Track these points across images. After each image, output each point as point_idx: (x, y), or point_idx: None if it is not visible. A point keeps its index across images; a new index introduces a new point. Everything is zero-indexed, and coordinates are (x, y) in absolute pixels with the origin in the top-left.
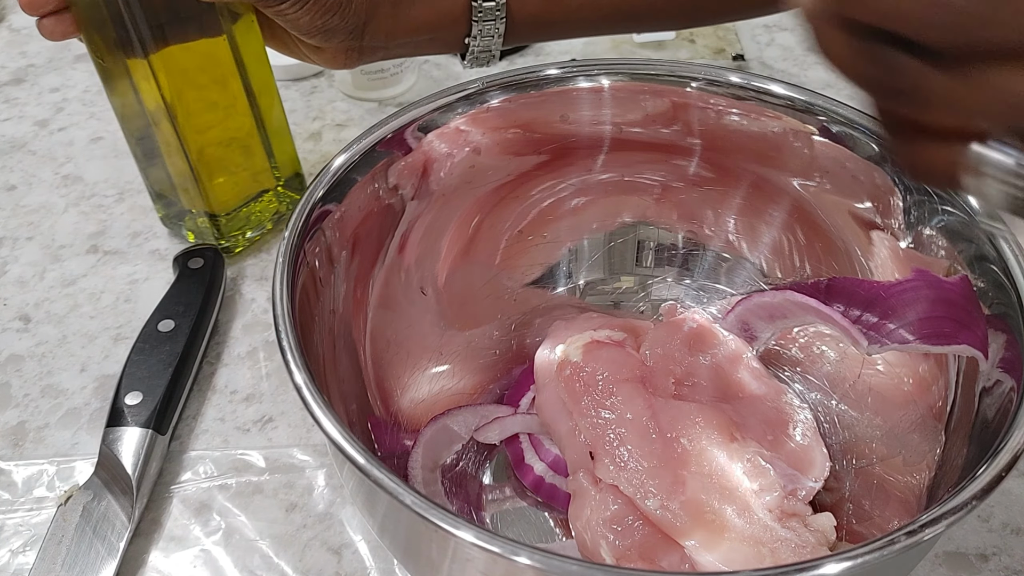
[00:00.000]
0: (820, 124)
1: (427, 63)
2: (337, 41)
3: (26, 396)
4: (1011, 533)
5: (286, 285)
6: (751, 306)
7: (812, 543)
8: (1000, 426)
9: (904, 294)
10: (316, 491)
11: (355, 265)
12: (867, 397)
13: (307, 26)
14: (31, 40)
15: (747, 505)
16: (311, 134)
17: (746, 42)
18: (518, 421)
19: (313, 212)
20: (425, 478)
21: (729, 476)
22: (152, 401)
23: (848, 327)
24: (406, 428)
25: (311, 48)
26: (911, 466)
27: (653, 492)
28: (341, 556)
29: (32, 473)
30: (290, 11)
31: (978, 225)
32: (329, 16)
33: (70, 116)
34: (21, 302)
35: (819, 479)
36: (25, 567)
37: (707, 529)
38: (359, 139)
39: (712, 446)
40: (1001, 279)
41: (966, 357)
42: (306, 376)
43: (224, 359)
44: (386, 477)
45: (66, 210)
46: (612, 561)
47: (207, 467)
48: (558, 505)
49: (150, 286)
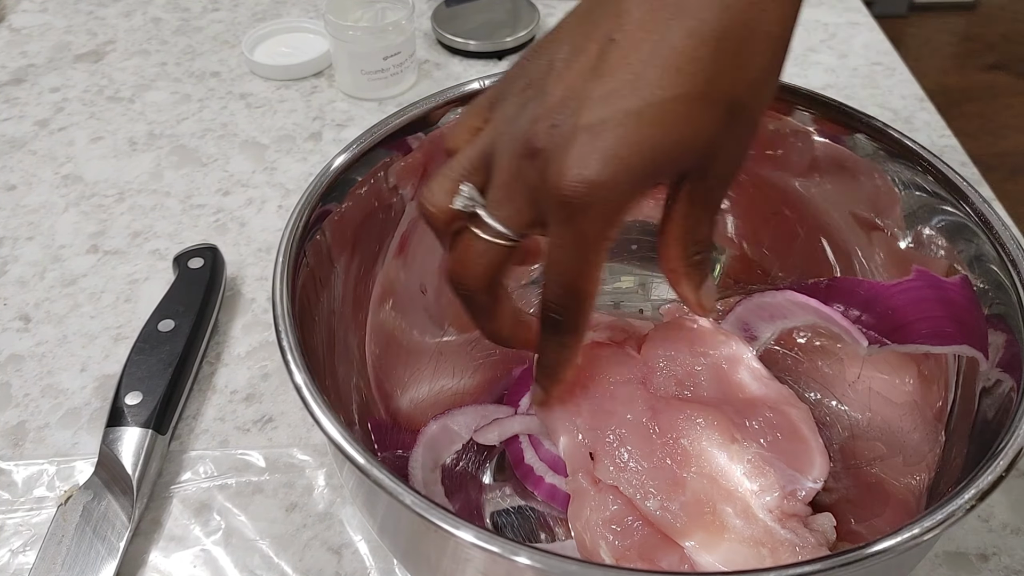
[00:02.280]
0: (820, 124)
1: (427, 63)
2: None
3: (26, 396)
4: (1011, 533)
5: (286, 285)
6: (751, 306)
7: (812, 544)
8: (1000, 426)
9: (904, 294)
10: (316, 491)
11: (355, 265)
12: (867, 397)
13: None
14: (31, 40)
15: (747, 506)
16: (311, 134)
17: None
18: (517, 422)
19: (313, 212)
20: (425, 478)
21: (729, 477)
22: (152, 401)
23: (848, 327)
24: (406, 428)
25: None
26: (911, 466)
27: (653, 493)
28: (341, 556)
29: (32, 473)
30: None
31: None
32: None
33: (70, 116)
34: (21, 302)
35: (819, 480)
36: (25, 567)
37: (707, 530)
38: (359, 139)
39: (712, 447)
40: (1001, 279)
41: (966, 357)
42: (306, 376)
43: (224, 359)
44: (386, 477)
45: (66, 210)
46: (611, 561)
47: (207, 467)
48: (558, 505)
49: (150, 286)
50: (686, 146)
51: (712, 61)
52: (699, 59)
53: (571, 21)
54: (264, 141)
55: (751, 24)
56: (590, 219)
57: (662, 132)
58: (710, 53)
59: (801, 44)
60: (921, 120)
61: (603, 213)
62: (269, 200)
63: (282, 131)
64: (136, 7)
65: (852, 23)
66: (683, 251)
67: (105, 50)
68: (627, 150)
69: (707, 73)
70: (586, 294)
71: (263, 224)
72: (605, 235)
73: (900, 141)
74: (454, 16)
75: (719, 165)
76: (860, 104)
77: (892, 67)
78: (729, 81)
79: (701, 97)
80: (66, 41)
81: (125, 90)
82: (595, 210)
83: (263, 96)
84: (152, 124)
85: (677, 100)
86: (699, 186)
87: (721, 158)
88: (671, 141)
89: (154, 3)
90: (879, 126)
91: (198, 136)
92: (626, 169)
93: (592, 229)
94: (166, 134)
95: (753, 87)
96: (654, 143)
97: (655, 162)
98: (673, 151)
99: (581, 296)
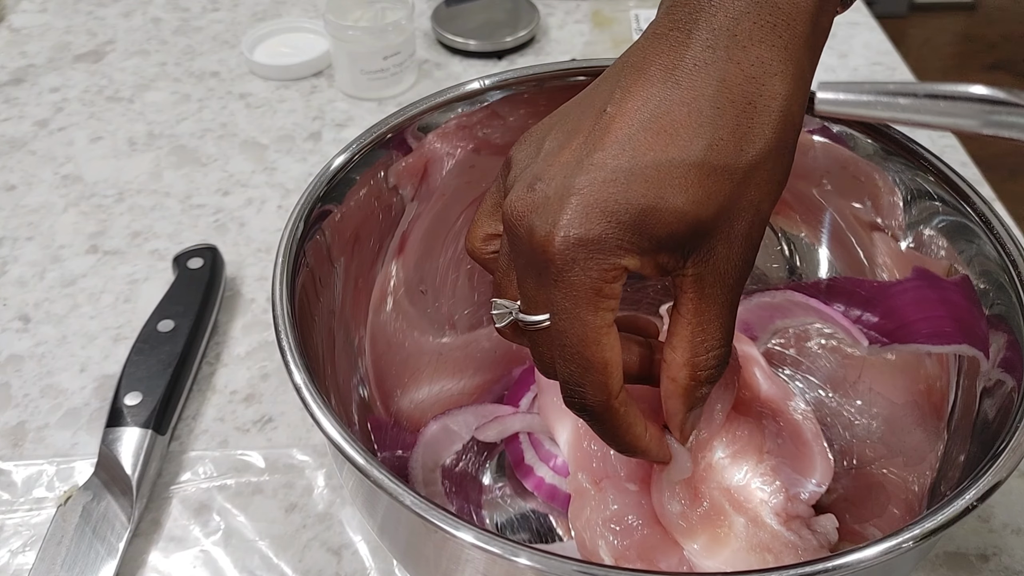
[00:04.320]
0: (820, 124)
1: (427, 63)
2: None
3: (26, 396)
4: (1011, 533)
5: (286, 285)
6: (751, 306)
7: (815, 545)
8: (1001, 426)
9: (904, 294)
10: (316, 491)
11: (355, 265)
12: (868, 397)
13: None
14: (31, 40)
15: (757, 515)
16: (311, 134)
17: None
18: (518, 420)
19: (313, 212)
20: (425, 478)
21: (746, 490)
22: (152, 401)
23: (848, 327)
24: (406, 428)
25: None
26: (912, 466)
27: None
28: (341, 556)
29: (32, 473)
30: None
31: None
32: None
33: (70, 116)
34: (21, 302)
35: (823, 484)
36: (25, 567)
37: (712, 534)
38: (359, 139)
39: (739, 461)
40: (1001, 279)
41: (967, 357)
42: (306, 376)
43: (224, 359)
44: (386, 477)
45: (66, 210)
46: (611, 561)
47: (207, 467)
48: (558, 505)
49: (150, 286)
50: (682, 212)
51: (711, 128)
52: (695, 127)
53: (568, 104)
54: (264, 141)
55: (750, 98)
56: (579, 276)
57: (655, 193)
58: (708, 121)
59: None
60: None
61: (594, 271)
62: (269, 200)
63: (282, 131)
64: (136, 7)
65: (852, 23)
66: (690, 355)
67: (105, 50)
68: (616, 206)
69: (705, 140)
70: (596, 363)
71: (263, 224)
72: (599, 292)
73: (900, 141)
74: (454, 16)
75: (726, 246)
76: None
77: (892, 67)
78: (731, 152)
79: (699, 164)
80: (66, 41)
81: (125, 90)
82: (582, 267)
83: (263, 96)
84: (152, 124)
85: (672, 164)
86: (707, 272)
87: (727, 237)
88: (665, 204)
89: (154, 3)
90: (879, 126)
91: (198, 136)
92: (616, 225)
93: (582, 285)
94: (166, 134)
95: (758, 163)
96: (646, 203)
97: (647, 223)
98: (667, 214)
99: (591, 366)
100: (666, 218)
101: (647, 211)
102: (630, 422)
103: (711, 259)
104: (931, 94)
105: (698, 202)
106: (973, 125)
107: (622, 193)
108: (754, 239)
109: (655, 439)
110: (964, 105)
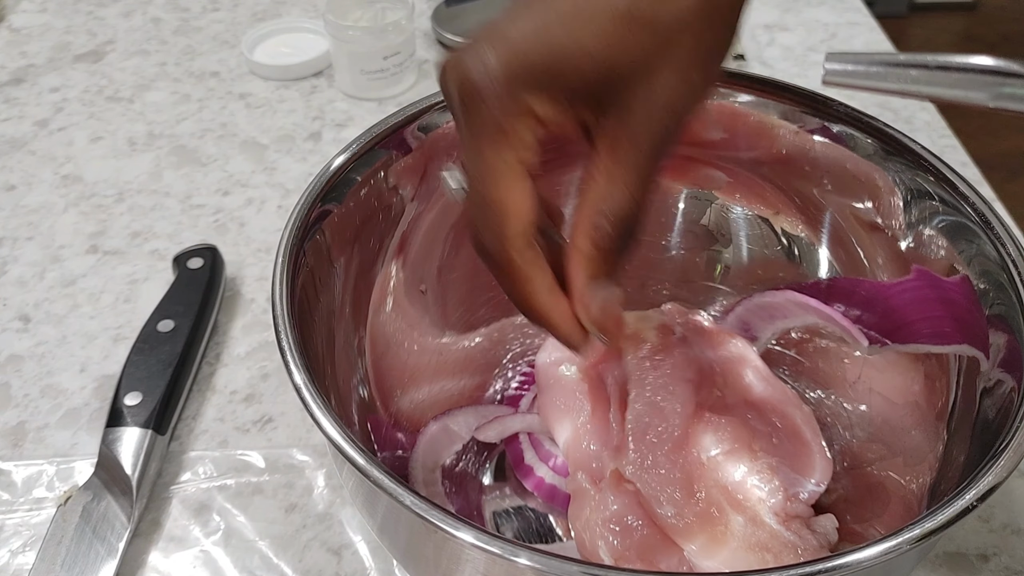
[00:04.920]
0: (820, 124)
1: (427, 63)
2: None
3: (26, 396)
4: (1011, 533)
5: (286, 285)
6: (751, 306)
7: (815, 545)
8: (1001, 426)
9: (904, 294)
10: (316, 491)
11: (355, 265)
12: (868, 397)
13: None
14: (31, 40)
15: (756, 514)
16: (311, 134)
17: (746, 42)
18: (518, 420)
19: (313, 212)
20: (425, 478)
21: (743, 487)
22: (152, 401)
23: (848, 327)
24: (406, 428)
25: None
26: (912, 466)
27: (669, 498)
28: (341, 556)
29: (32, 473)
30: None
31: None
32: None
33: (70, 116)
34: (21, 302)
35: (822, 484)
36: (25, 567)
37: (712, 536)
38: (359, 139)
39: (732, 459)
40: (1001, 279)
41: (967, 357)
42: (306, 376)
43: (224, 359)
44: (386, 478)
45: (66, 210)
46: (611, 561)
47: (207, 467)
48: (558, 505)
49: (150, 286)
50: (593, 53)
51: None
52: None
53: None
54: (264, 141)
55: None
56: (483, 111)
57: (570, 35)
58: None
59: (801, 44)
60: (922, 120)
61: (496, 107)
62: (269, 200)
63: (282, 131)
64: (136, 7)
65: (852, 23)
66: (592, 216)
67: (105, 50)
68: (527, 45)
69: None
70: (492, 201)
71: (263, 224)
72: (501, 129)
73: (900, 141)
74: (454, 16)
75: (644, 107)
76: (860, 104)
77: None
78: (654, 4)
79: (620, 14)
80: (66, 41)
81: (125, 90)
82: (486, 102)
83: (263, 96)
84: (152, 124)
85: (594, 10)
86: (622, 133)
87: (645, 97)
88: (577, 45)
89: (154, 3)
90: (879, 126)
91: (198, 136)
92: (525, 65)
93: (485, 121)
94: (166, 134)
95: (682, 21)
96: (559, 43)
97: (557, 64)
98: (578, 56)
99: (487, 204)
100: (577, 60)
101: (559, 51)
102: (527, 276)
103: (628, 119)
104: (942, 65)
105: (612, 47)
106: (982, 98)
107: (538, 35)
108: (677, 108)
109: (562, 311)
110: (974, 77)
